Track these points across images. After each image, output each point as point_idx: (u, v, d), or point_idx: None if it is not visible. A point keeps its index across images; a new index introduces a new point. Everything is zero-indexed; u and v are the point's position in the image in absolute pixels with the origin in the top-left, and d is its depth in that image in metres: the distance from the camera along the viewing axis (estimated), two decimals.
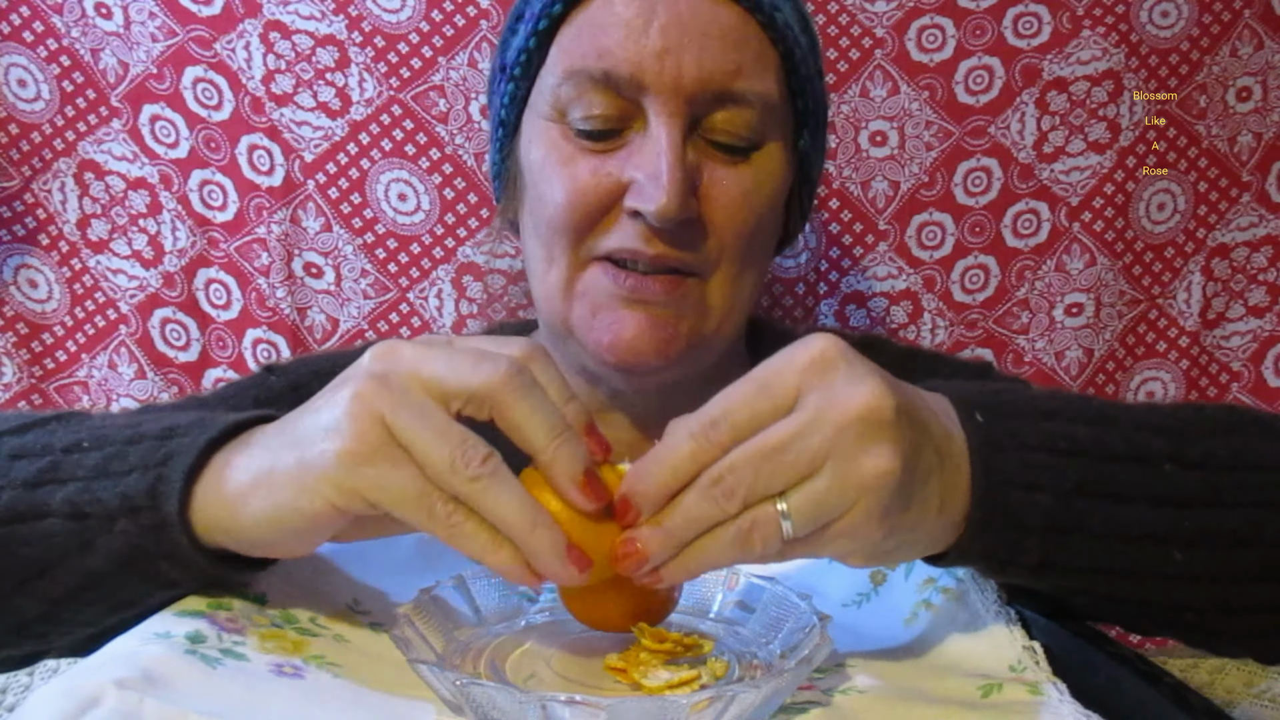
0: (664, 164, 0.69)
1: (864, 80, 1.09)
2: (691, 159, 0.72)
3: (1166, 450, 0.56)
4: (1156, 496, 0.55)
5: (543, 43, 0.75)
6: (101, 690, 0.44)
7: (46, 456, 0.56)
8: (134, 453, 0.55)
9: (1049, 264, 1.12)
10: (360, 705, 0.49)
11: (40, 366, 1.13)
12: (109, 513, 0.53)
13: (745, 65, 0.72)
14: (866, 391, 0.48)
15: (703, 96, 0.71)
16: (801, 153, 0.79)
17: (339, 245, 1.11)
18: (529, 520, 0.48)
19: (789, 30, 0.74)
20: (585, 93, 0.72)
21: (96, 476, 0.54)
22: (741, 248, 0.74)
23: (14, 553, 0.55)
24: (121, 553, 0.54)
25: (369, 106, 1.09)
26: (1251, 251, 1.13)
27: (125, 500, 0.53)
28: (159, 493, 0.53)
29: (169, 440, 0.54)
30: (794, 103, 0.77)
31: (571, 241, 0.74)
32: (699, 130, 0.73)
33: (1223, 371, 1.15)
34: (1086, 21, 1.08)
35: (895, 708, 0.50)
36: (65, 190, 1.12)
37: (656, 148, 0.70)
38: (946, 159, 1.10)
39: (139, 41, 1.09)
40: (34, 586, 0.56)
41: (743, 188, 0.73)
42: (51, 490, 0.55)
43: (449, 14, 1.07)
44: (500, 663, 0.53)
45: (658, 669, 0.51)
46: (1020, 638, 0.56)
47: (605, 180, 0.72)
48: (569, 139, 0.74)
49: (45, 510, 0.55)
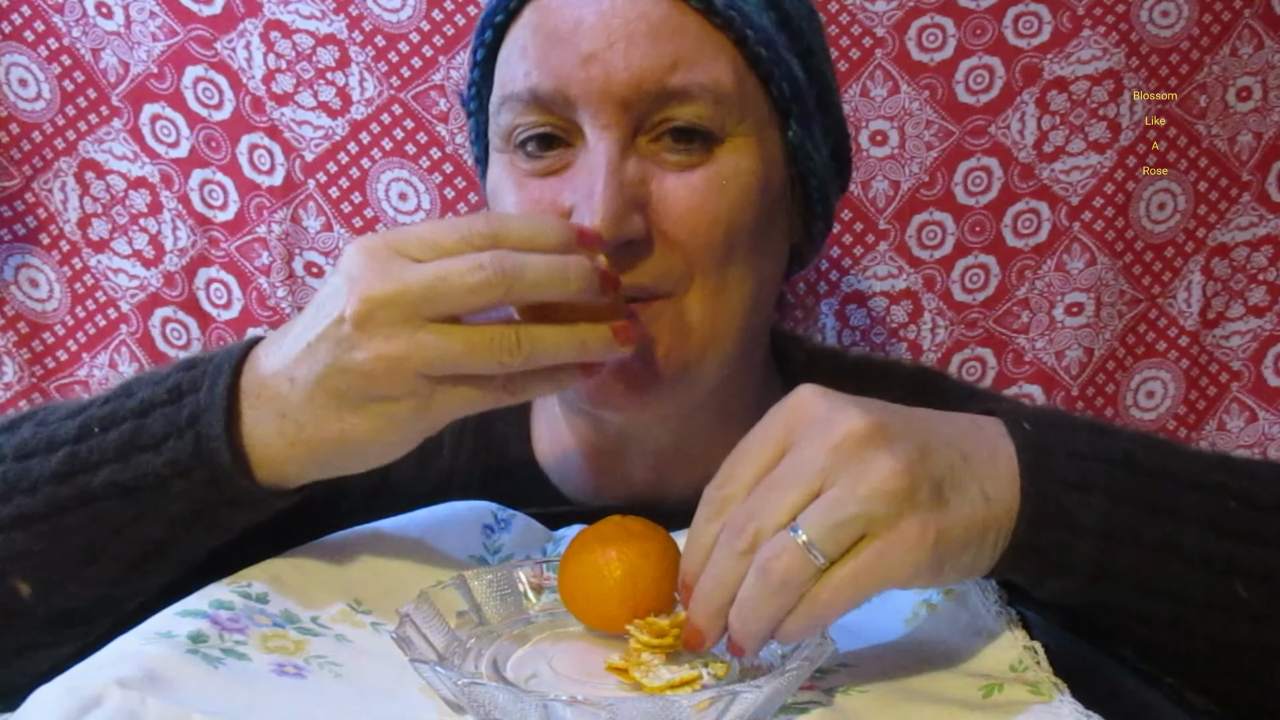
0: (597, 182, 0.63)
1: (864, 80, 1.09)
2: (633, 172, 0.65)
3: (1233, 485, 0.55)
4: (1219, 526, 0.53)
5: (486, 72, 0.72)
6: (104, 690, 0.44)
7: (60, 448, 0.57)
8: (154, 422, 0.56)
9: (1049, 264, 1.12)
10: (361, 705, 0.49)
11: (41, 366, 1.13)
12: (160, 480, 0.55)
13: (683, 57, 0.65)
14: (847, 417, 0.50)
15: (639, 99, 0.65)
16: (793, 144, 0.72)
17: (339, 244, 1.11)
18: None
19: (732, 12, 0.67)
20: (518, 116, 0.67)
21: (129, 454, 0.56)
22: (715, 257, 0.67)
23: (64, 543, 0.57)
24: (182, 512, 0.56)
25: (369, 106, 1.09)
26: (1251, 251, 1.13)
27: (173, 465, 0.55)
28: (203, 450, 0.55)
29: (183, 399, 0.56)
30: (766, 91, 0.70)
31: None
32: (645, 133, 0.66)
33: (1223, 371, 1.15)
34: (1087, 21, 1.08)
35: (896, 708, 0.50)
36: (66, 190, 1.12)
37: (591, 164, 0.64)
38: (947, 159, 1.10)
39: (140, 41, 1.09)
40: (89, 569, 0.57)
41: (700, 192, 0.66)
42: (86, 477, 0.56)
43: (449, 14, 1.07)
44: (502, 663, 0.53)
45: (659, 669, 0.51)
46: (1021, 638, 0.56)
47: (549, 207, 0.67)
48: (515, 165, 0.69)
49: (89, 496, 0.56)
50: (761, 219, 0.70)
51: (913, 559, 0.49)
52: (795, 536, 0.48)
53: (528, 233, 0.56)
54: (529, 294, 0.54)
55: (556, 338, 0.55)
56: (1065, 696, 0.51)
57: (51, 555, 0.57)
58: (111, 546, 0.57)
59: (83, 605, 0.59)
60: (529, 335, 0.54)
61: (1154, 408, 1.15)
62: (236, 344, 0.60)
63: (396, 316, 0.53)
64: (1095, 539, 0.52)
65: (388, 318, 0.53)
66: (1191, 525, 0.53)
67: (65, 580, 0.58)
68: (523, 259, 0.54)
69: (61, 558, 0.57)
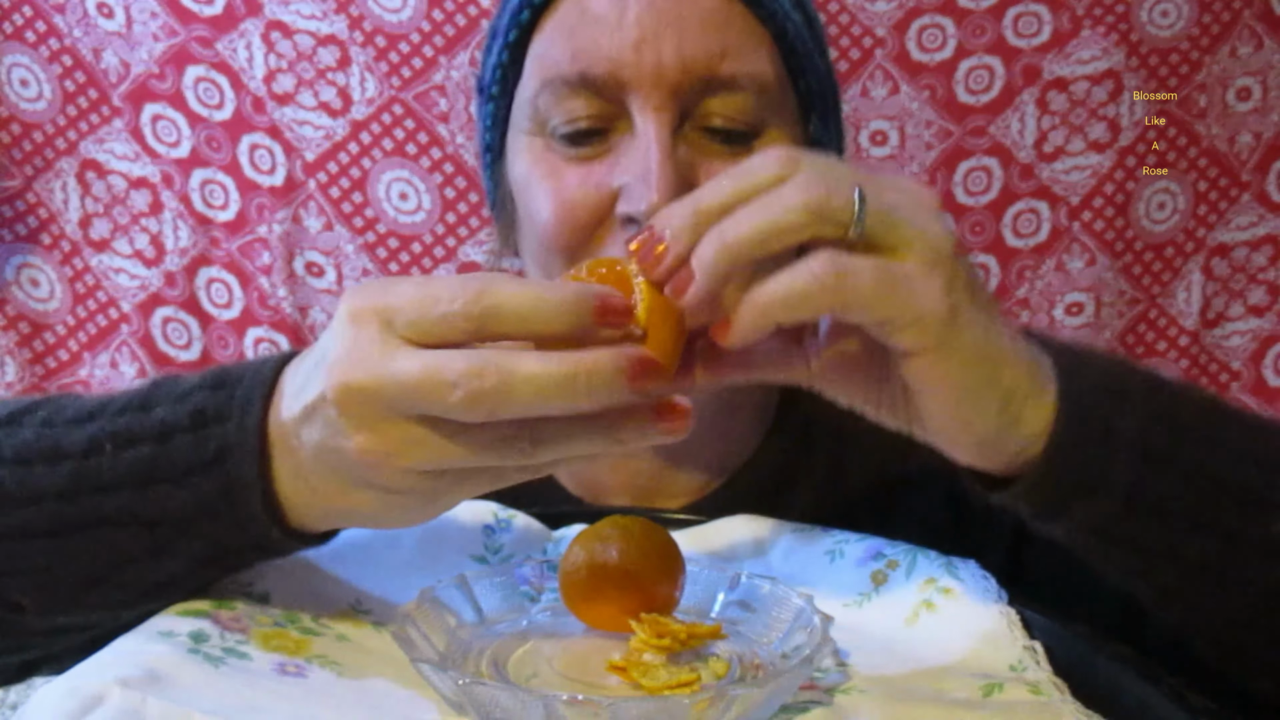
0: (652, 161, 0.63)
1: (864, 80, 1.09)
2: (684, 155, 0.66)
3: (1267, 423, 0.53)
4: (1259, 457, 0.51)
5: (516, 56, 0.71)
6: (105, 689, 0.44)
7: (64, 461, 0.53)
8: (174, 450, 0.51)
9: (1049, 264, 1.12)
10: (362, 705, 0.49)
11: (42, 365, 1.13)
12: (183, 518, 0.51)
13: (731, 47, 0.66)
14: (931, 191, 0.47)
15: (689, 85, 0.65)
16: (814, 140, 0.73)
17: (340, 244, 1.11)
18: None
19: (777, 6, 0.68)
20: (563, 99, 0.67)
21: (146, 483, 0.51)
22: None
23: (69, 564, 0.53)
24: (204, 551, 0.52)
25: (370, 106, 1.09)
26: (1251, 251, 1.14)
27: (200, 506, 0.50)
28: (234, 495, 0.50)
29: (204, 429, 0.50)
30: (795, 85, 0.71)
31: (567, 259, 0.68)
32: (691, 122, 0.67)
33: (1222, 371, 1.15)
34: (1087, 21, 1.08)
35: (896, 707, 0.50)
36: (67, 189, 1.12)
37: (643, 146, 0.65)
38: (946, 159, 1.10)
39: (141, 41, 1.09)
40: (94, 593, 0.54)
41: None
42: (97, 500, 0.52)
43: (450, 14, 1.07)
44: (502, 662, 0.53)
45: (659, 669, 0.51)
46: (1021, 638, 0.56)
47: (594, 190, 0.66)
48: (552, 150, 0.68)
49: (98, 520, 0.52)
50: None
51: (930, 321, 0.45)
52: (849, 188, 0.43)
53: (526, 310, 0.42)
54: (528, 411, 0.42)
55: (582, 433, 0.44)
56: (1065, 696, 0.51)
57: (55, 575, 0.53)
58: (120, 575, 0.53)
59: (83, 621, 0.57)
60: (548, 434, 0.43)
61: None
62: (264, 363, 0.52)
63: (380, 411, 0.44)
64: (1135, 456, 0.49)
65: (370, 411, 0.44)
66: (1229, 454, 0.51)
67: (69, 601, 0.54)
68: (512, 369, 0.41)
69: (66, 578, 0.53)
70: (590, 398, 0.41)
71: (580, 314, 0.42)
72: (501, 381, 0.41)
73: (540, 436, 0.43)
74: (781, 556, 0.64)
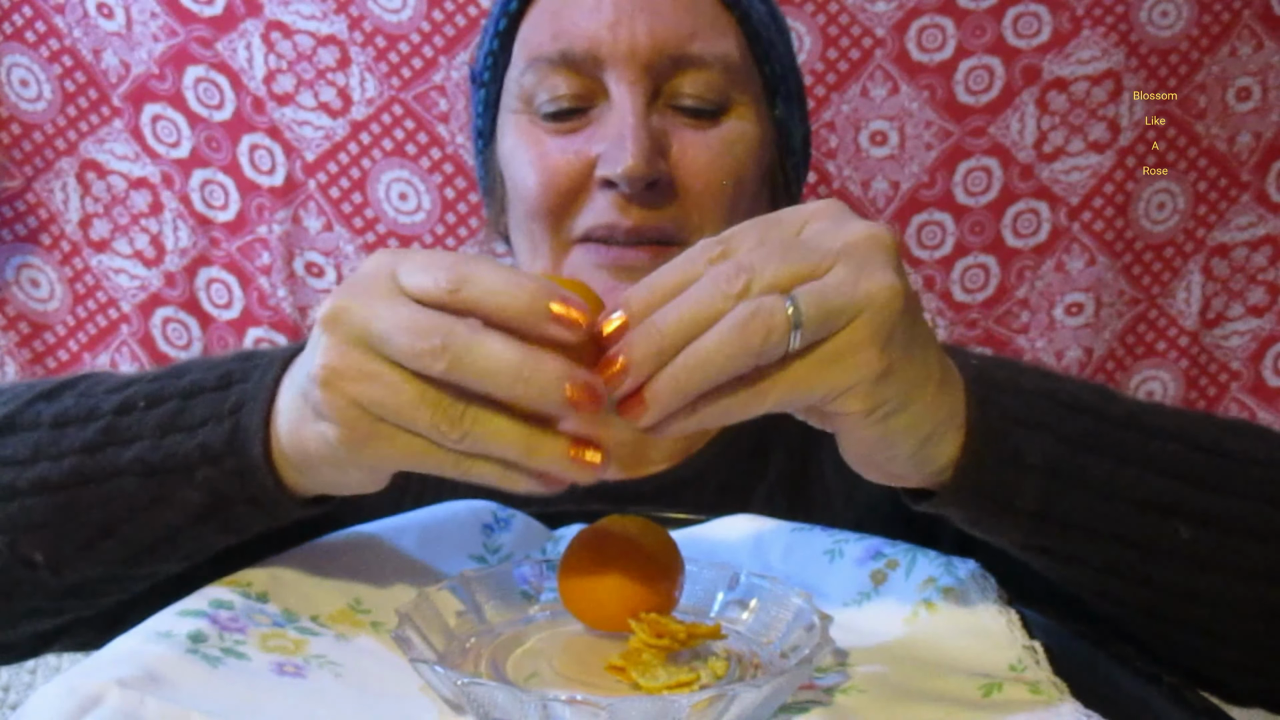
0: (627, 126, 0.69)
1: (864, 80, 1.09)
2: (657, 124, 0.72)
3: (1172, 429, 0.55)
4: (1161, 467, 0.53)
5: (505, 43, 0.77)
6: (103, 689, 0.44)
7: (98, 420, 0.56)
8: (198, 406, 0.54)
9: (1049, 264, 1.12)
10: (361, 705, 0.49)
11: (42, 365, 1.13)
12: (188, 464, 0.53)
13: (700, 28, 0.73)
14: (871, 224, 0.47)
15: (660, 62, 0.72)
16: (779, 121, 0.78)
17: (340, 245, 1.11)
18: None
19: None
20: (546, 77, 0.73)
21: (164, 433, 0.54)
22: (723, 211, 0.73)
23: (81, 517, 0.55)
24: (202, 503, 0.54)
25: (370, 106, 1.09)
26: (1251, 251, 1.14)
27: (204, 450, 0.53)
28: (238, 439, 0.52)
29: (230, 388, 0.54)
30: (760, 69, 0.77)
31: (550, 224, 0.74)
32: (662, 98, 0.73)
33: (1222, 371, 1.15)
34: (1086, 21, 1.08)
35: (896, 707, 0.50)
36: (67, 190, 1.12)
37: (619, 114, 0.71)
38: (946, 159, 1.10)
39: (141, 41, 1.09)
40: (102, 548, 0.56)
41: (714, 149, 0.73)
42: (117, 451, 0.55)
43: (450, 14, 1.07)
44: (501, 662, 0.53)
45: (658, 669, 0.51)
46: (1020, 637, 0.56)
47: (574, 158, 0.72)
48: (536, 124, 0.74)
49: (113, 471, 0.54)
50: (759, 183, 0.77)
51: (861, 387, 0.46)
52: (786, 306, 0.44)
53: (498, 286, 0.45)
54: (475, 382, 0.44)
55: (503, 430, 0.45)
56: (1065, 696, 0.51)
57: (65, 528, 0.56)
58: (125, 528, 0.55)
59: (94, 580, 0.58)
60: (474, 416, 0.45)
61: None
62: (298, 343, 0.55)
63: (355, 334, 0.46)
64: (1041, 478, 0.51)
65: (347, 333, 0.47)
66: (1134, 465, 0.53)
67: (77, 555, 0.56)
68: (478, 339, 0.44)
69: (75, 531, 0.56)
70: (529, 388, 0.44)
71: (539, 299, 0.44)
72: (465, 346, 0.44)
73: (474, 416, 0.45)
74: (781, 556, 0.64)
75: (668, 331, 0.44)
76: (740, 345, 0.44)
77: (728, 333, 0.44)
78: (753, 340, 0.43)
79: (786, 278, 0.45)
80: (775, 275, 0.45)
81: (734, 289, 0.44)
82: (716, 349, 0.44)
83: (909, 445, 0.50)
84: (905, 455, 0.50)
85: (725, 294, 0.44)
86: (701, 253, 0.46)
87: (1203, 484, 0.54)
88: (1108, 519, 0.53)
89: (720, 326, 0.44)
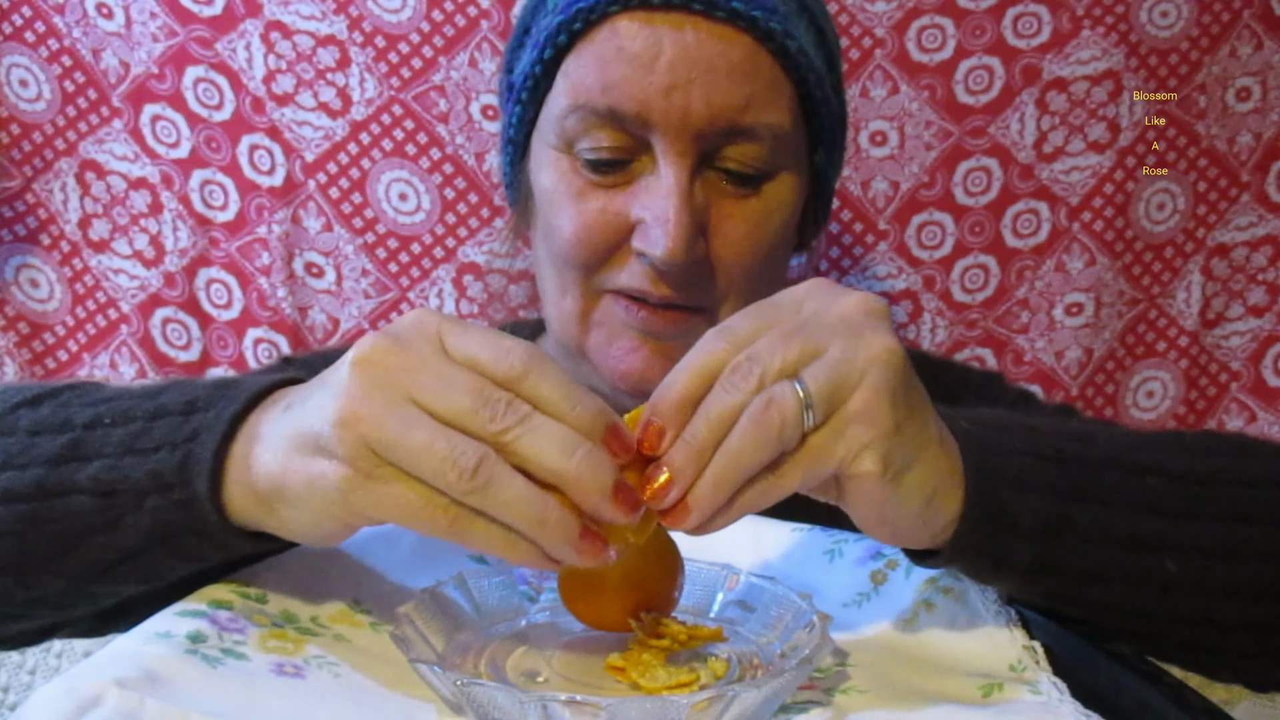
0: (670, 209, 0.69)
1: (864, 80, 1.09)
2: (699, 198, 0.72)
3: (1147, 463, 0.57)
4: (1144, 505, 0.56)
5: (549, 70, 0.75)
6: (103, 690, 0.44)
7: (68, 433, 0.56)
8: (159, 429, 0.54)
9: (1049, 264, 1.12)
10: (361, 705, 0.49)
11: (41, 366, 1.13)
12: (139, 489, 0.53)
13: (755, 98, 0.71)
14: (861, 294, 0.51)
15: (711, 132, 0.71)
16: (817, 168, 0.79)
17: (340, 245, 1.11)
18: (536, 517, 0.46)
19: (802, 57, 0.73)
20: (591, 128, 0.72)
21: (123, 453, 0.54)
22: (750, 282, 0.74)
23: (42, 530, 0.55)
24: (152, 529, 0.54)
25: (370, 106, 1.09)
26: (1251, 251, 1.14)
27: (155, 478, 0.53)
28: (189, 469, 0.52)
29: (192, 415, 0.54)
30: (809, 123, 0.76)
31: (582, 275, 0.75)
32: (709, 163, 0.72)
33: (1222, 371, 1.15)
34: (1086, 21, 1.08)
35: (896, 707, 0.50)
36: (66, 190, 1.12)
37: (664, 189, 0.70)
38: (946, 159, 1.10)
39: (140, 41, 1.09)
40: (61, 563, 0.56)
41: (751, 223, 0.73)
42: (77, 467, 0.55)
43: (449, 14, 1.07)
44: (501, 662, 0.53)
45: (657, 669, 0.51)
46: (1020, 638, 0.56)
47: (613, 219, 0.73)
48: (577, 171, 0.74)
49: (72, 487, 0.54)
50: (789, 241, 0.79)
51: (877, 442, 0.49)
52: (795, 389, 0.47)
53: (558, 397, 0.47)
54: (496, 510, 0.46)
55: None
56: (1065, 696, 0.51)
57: (28, 540, 0.55)
58: (82, 546, 0.55)
59: (57, 594, 0.58)
60: (495, 472, 0.46)
61: (1154, 408, 1.15)
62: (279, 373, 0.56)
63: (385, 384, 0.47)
64: (1033, 536, 0.54)
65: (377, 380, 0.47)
66: (1118, 508, 0.55)
67: (40, 568, 0.56)
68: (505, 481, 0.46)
69: (37, 544, 0.56)
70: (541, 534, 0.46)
71: (595, 426, 0.47)
72: (488, 482, 0.45)
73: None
74: (781, 556, 0.64)
75: (700, 442, 0.47)
76: (761, 437, 0.47)
77: (749, 429, 0.47)
78: (771, 430, 0.47)
79: (793, 362, 0.48)
80: (784, 362, 0.48)
81: (750, 385, 0.47)
82: (741, 447, 0.47)
83: (917, 502, 0.52)
84: (914, 513, 0.52)
85: (743, 390, 0.47)
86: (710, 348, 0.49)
87: (1182, 515, 0.56)
88: (1099, 563, 0.55)
89: (742, 424, 0.47)
